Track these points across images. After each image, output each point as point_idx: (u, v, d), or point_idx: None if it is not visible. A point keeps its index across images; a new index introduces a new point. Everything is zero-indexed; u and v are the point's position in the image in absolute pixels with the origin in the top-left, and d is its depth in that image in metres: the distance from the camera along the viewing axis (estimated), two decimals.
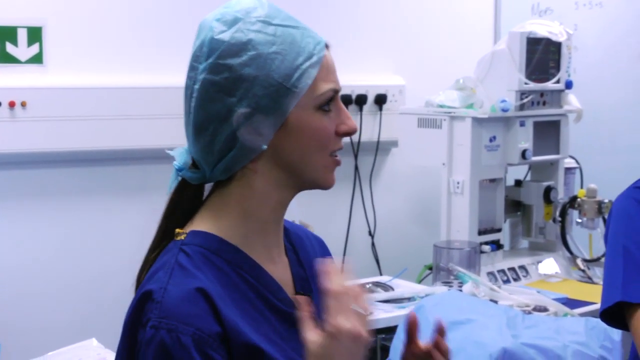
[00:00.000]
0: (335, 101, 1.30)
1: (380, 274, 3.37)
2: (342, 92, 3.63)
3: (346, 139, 3.67)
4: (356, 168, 3.52)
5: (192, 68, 1.27)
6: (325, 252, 1.48)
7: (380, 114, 3.52)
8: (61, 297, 2.92)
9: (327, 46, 1.30)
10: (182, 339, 1.16)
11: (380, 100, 3.51)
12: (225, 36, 1.24)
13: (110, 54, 2.97)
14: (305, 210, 3.08)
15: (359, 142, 3.46)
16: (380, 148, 3.54)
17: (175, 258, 1.24)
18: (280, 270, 1.33)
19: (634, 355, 1.80)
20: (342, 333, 1.18)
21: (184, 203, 1.32)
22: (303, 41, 1.26)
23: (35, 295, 2.89)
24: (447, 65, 3.56)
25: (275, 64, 1.23)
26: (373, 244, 3.57)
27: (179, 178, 1.32)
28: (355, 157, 3.49)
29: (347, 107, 3.33)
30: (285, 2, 1.38)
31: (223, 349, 1.18)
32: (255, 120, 1.24)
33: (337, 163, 1.31)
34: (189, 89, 1.28)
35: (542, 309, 2.79)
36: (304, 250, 1.42)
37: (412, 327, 1.37)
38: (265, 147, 1.25)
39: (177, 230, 1.29)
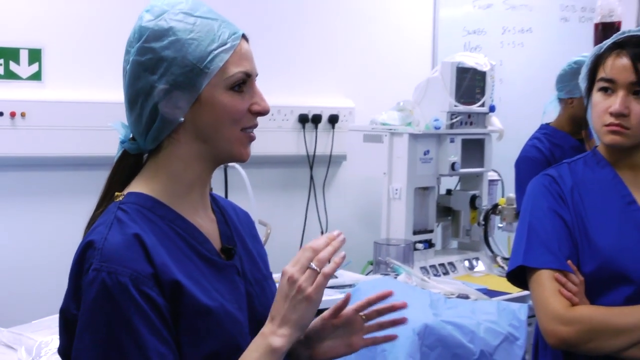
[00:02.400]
0: (250, 84, 1.32)
1: None
2: (301, 112, 3.69)
3: (302, 152, 3.48)
4: (311, 178, 3.58)
5: (127, 52, 1.31)
6: (249, 222, 1.52)
7: (333, 132, 3.58)
8: (49, 279, 2.83)
9: (246, 39, 1.34)
10: (121, 280, 1.19)
11: (333, 119, 3.57)
12: (151, 24, 1.29)
13: (100, 73, 2.98)
14: (267, 213, 3.10)
15: (314, 155, 3.53)
16: (332, 161, 3.60)
17: (114, 215, 1.27)
18: (207, 226, 1.36)
19: (537, 332, 1.88)
20: (284, 275, 1.24)
21: (124, 170, 1.36)
22: (219, 31, 1.29)
23: (28, 276, 2.91)
24: (390, 91, 3.62)
25: (191, 48, 1.27)
26: None
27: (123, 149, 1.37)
28: (311, 168, 3.55)
29: (304, 126, 3.53)
30: (254, 39, 1.37)
31: (157, 286, 1.22)
32: (174, 95, 1.28)
33: (251, 138, 1.34)
34: (124, 70, 1.32)
35: (465, 297, 2.85)
36: (229, 215, 1.45)
37: (344, 303, 1.39)
38: (182, 119, 1.29)
39: (117, 193, 1.33)
